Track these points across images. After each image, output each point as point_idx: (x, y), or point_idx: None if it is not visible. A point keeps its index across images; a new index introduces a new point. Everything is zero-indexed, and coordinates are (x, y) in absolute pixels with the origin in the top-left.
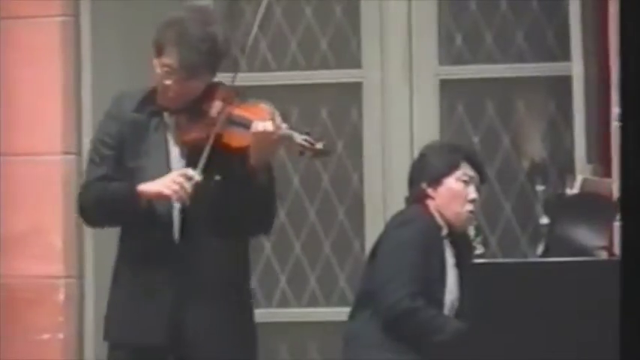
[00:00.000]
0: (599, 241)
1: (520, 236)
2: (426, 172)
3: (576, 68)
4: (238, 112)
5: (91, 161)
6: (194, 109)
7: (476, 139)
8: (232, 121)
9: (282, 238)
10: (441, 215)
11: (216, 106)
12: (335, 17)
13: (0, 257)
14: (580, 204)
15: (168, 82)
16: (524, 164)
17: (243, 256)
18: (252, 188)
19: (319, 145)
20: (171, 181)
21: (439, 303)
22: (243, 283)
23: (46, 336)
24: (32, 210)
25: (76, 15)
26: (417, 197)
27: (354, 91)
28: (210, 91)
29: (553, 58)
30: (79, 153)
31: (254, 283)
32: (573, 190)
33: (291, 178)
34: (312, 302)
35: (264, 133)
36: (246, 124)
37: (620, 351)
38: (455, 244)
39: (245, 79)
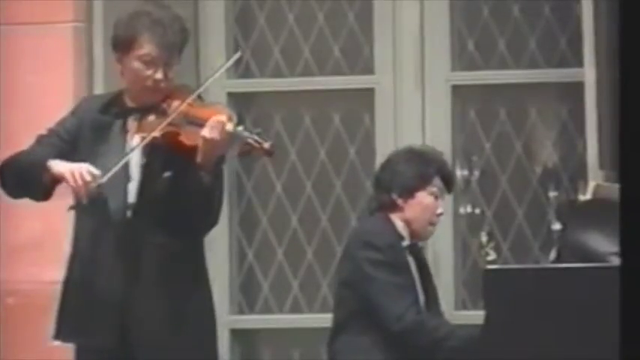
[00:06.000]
0: (612, 247)
1: (532, 242)
2: (396, 182)
3: (589, 74)
4: (195, 111)
5: (38, 139)
6: (156, 108)
7: (488, 145)
8: (188, 120)
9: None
10: (408, 227)
11: (175, 105)
12: (347, 23)
13: (12, 263)
14: (592, 210)
15: (149, 71)
16: (536, 170)
17: (196, 255)
18: (194, 186)
19: (267, 145)
20: (77, 170)
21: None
22: (197, 282)
23: (58, 342)
24: (44, 216)
25: (89, 21)
26: (385, 207)
27: (366, 97)
28: (173, 92)
29: (565, 64)
30: None
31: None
32: (586, 196)
33: (304, 184)
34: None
35: (213, 129)
36: (200, 124)
37: (620, 353)
38: (413, 254)
39: (257, 85)
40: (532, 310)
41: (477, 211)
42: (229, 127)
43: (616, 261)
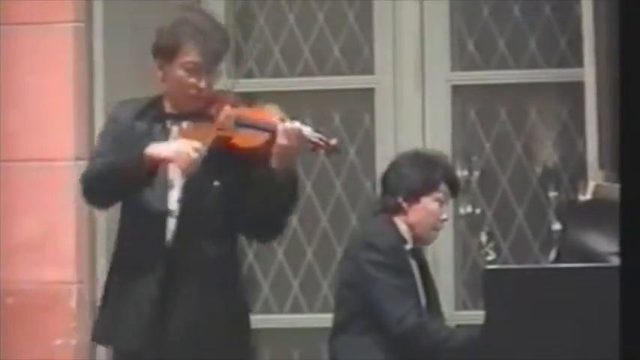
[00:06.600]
0: (612, 247)
1: (532, 242)
2: (402, 186)
3: (589, 74)
4: (247, 114)
5: (97, 154)
6: (200, 114)
7: (488, 145)
8: (241, 124)
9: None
10: (411, 230)
11: (225, 110)
12: (347, 23)
13: (12, 263)
14: (592, 210)
15: (192, 79)
16: (536, 170)
17: (234, 260)
18: (271, 191)
19: (333, 141)
20: (179, 147)
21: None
22: (235, 286)
23: (58, 341)
24: (44, 216)
25: (88, 21)
26: (389, 209)
27: (366, 97)
28: (216, 97)
29: (565, 64)
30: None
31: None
32: (586, 196)
33: (304, 184)
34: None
35: (291, 136)
36: (254, 125)
37: (620, 354)
38: (416, 257)
39: (257, 85)
40: (532, 310)
41: (477, 211)
42: (307, 131)
43: (616, 261)
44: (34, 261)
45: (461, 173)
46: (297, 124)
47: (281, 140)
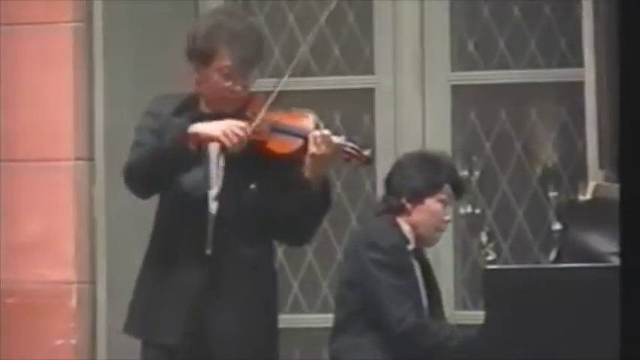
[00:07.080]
0: (612, 247)
1: (532, 242)
2: (406, 187)
3: (588, 74)
4: (283, 119)
5: (137, 144)
6: (236, 116)
7: (488, 145)
8: (276, 129)
9: None
10: (414, 231)
11: (260, 113)
12: (347, 23)
13: (13, 263)
14: (592, 210)
15: (228, 83)
16: (536, 170)
17: (269, 261)
18: (303, 197)
19: (367, 152)
20: (224, 126)
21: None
22: (269, 286)
23: (58, 342)
24: (44, 216)
25: (88, 21)
26: (392, 210)
27: (366, 97)
28: (253, 100)
29: (565, 64)
30: (91, 159)
31: None
32: (586, 195)
33: None
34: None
35: (321, 144)
36: (290, 132)
37: (620, 354)
38: (419, 259)
39: (257, 85)
40: (532, 310)
41: (477, 211)
42: (337, 139)
43: (616, 261)
44: (35, 261)
45: (461, 173)
46: (327, 132)
47: (311, 148)
